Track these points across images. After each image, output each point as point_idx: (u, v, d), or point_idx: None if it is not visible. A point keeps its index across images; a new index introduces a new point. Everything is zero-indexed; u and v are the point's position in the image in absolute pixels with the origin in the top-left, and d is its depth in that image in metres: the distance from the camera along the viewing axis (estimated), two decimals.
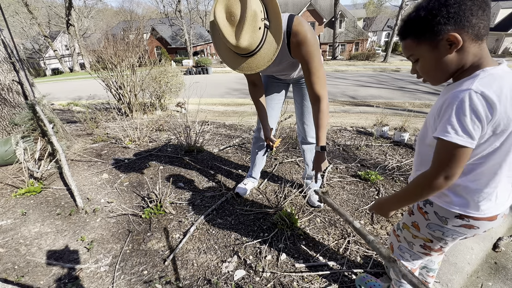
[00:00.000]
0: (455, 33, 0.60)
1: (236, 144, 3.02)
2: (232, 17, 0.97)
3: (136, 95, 4.88)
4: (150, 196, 1.92)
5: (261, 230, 1.65)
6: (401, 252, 0.99)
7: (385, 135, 3.18)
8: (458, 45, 0.61)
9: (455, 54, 0.63)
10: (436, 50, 0.64)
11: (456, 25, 0.60)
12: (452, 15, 0.59)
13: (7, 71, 2.34)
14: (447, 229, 0.80)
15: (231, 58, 1.12)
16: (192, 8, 35.35)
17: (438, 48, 0.64)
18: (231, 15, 0.96)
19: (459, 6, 0.58)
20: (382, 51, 28.83)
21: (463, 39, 0.60)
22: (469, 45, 0.61)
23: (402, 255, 1.00)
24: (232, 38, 0.98)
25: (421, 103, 8.40)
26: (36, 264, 1.43)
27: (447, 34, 0.61)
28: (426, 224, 0.85)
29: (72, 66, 28.23)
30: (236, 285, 1.28)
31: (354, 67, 18.93)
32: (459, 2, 0.58)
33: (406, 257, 0.99)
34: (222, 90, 11.89)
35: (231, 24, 0.98)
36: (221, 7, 0.96)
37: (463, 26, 0.60)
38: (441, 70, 0.67)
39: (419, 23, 0.65)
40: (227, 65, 1.14)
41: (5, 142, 2.29)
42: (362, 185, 2.10)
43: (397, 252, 1.01)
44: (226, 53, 1.12)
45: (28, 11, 24.01)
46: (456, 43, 0.61)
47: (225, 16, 0.97)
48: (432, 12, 0.61)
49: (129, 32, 5.88)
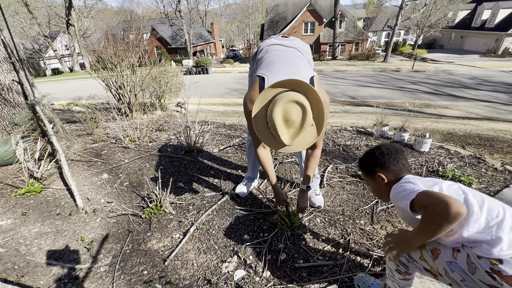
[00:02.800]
0: (381, 173, 0.98)
1: (236, 144, 3.02)
2: (289, 121, 1.07)
3: (136, 95, 4.88)
4: (150, 196, 1.92)
5: (261, 230, 1.65)
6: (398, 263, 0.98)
7: (385, 135, 3.18)
8: (385, 180, 0.97)
9: (385, 184, 0.98)
10: (374, 181, 1.02)
11: (382, 168, 0.98)
12: (379, 163, 0.99)
13: (7, 71, 2.34)
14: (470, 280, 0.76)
15: (273, 143, 1.19)
16: (192, 8, 35.29)
17: (375, 180, 1.01)
18: (288, 120, 1.07)
19: (382, 158, 0.98)
20: (382, 51, 28.82)
21: (387, 176, 0.97)
22: (391, 178, 0.97)
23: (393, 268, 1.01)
24: (287, 139, 1.10)
25: (421, 103, 8.40)
26: (36, 264, 1.43)
27: (378, 173, 0.99)
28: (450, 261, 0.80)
29: (72, 66, 28.23)
30: (236, 285, 1.28)
31: (354, 67, 18.92)
32: (381, 157, 0.98)
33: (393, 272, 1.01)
34: (222, 90, 11.89)
35: (286, 127, 1.08)
36: (280, 110, 1.06)
37: (386, 169, 0.97)
38: (380, 192, 1.03)
39: (364, 165, 1.06)
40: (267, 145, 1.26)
41: (5, 142, 2.29)
42: (362, 185, 2.10)
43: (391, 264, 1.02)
44: (268, 137, 1.18)
45: (28, 11, 24.01)
46: (384, 179, 0.97)
47: (282, 119, 1.07)
48: (369, 160, 1.02)
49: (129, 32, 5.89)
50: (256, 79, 1.31)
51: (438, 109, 7.62)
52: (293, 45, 1.46)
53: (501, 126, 4.97)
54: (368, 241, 1.53)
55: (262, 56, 1.43)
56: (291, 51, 1.43)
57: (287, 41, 1.49)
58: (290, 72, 1.28)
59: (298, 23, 26.10)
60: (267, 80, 1.26)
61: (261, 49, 1.49)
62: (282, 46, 1.44)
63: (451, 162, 2.47)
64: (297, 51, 1.45)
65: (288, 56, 1.39)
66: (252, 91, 1.29)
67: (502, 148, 3.10)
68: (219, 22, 52.87)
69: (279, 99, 1.07)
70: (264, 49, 1.46)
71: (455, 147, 2.88)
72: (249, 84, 1.72)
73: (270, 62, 1.35)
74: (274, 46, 1.45)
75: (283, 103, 1.05)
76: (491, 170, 2.30)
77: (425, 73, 15.26)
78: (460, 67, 17.52)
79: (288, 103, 1.05)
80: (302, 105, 1.05)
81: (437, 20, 26.27)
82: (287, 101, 1.05)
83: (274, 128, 1.08)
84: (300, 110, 1.06)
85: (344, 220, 1.71)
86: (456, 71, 15.67)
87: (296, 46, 1.47)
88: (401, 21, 21.90)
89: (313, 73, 1.33)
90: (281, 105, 1.05)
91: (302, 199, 1.58)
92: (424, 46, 31.37)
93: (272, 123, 1.09)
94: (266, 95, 1.14)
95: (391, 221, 1.69)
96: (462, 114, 7.04)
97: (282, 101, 1.05)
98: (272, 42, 1.48)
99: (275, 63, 1.34)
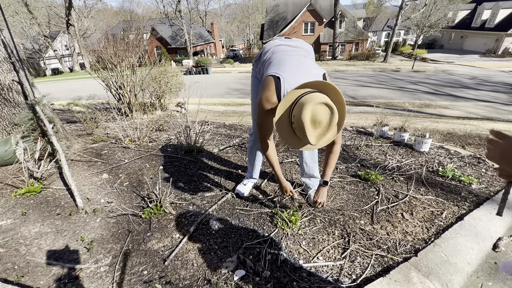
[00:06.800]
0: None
1: (236, 144, 3.02)
2: (317, 123, 1.09)
3: (136, 95, 4.87)
4: (150, 196, 1.92)
5: (261, 230, 1.65)
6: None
7: (385, 135, 3.18)
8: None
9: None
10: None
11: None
12: None
13: (7, 71, 2.34)
14: None
15: (294, 141, 1.23)
16: (192, 8, 35.30)
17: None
18: (315, 121, 1.09)
19: None
20: (382, 51, 28.81)
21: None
22: None
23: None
24: (313, 140, 1.12)
25: (421, 103, 8.40)
26: (36, 264, 1.43)
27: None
28: None
29: (72, 66, 28.22)
30: (236, 285, 1.28)
31: (354, 67, 18.92)
32: None
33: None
34: (222, 90, 11.89)
35: (314, 127, 1.11)
36: (309, 111, 1.08)
37: None
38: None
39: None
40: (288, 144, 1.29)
41: (5, 142, 2.29)
42: (362, 185, 2.10)
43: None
44: (290, 136, 1.23)
45: (28, 11, 23.99)
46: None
47: (311, 120, 1.09)
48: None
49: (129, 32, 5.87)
50: (270, 79, 1.30)
51: (438, 109, 7.62)
52: (298, 46, 1.48)
53: (501, 126, 4.97)
54: (368, 241, 1.53)
55: (269, 57, 1.44)
56: (298, 51, 1.45)
57: (292, 41, 1.51)
58: (304, 71, 1.31)
59: (298, 23, 26.10)
60: (282, 79, 1.27)
61: (267, 50, 1.49)
62: (289, 47, 1.46)
63: (451, 162, 2.47)
64: (303, 50, 1.47)
65: (297, 56, 1.41)
66: (268, 91, 1.29)
67: None
68: (219, 22, 52.84)
69: (307, 100, 1.08)
70: (271, 49, 1.48)
71: (455, 147, 2.88)
72: (252, 84, 1.72)
73: (280, 62, 1.36)
74: (281, 47, 1.46)
75: (312, 105, 1.07)
76: (491, 170, 2.30)
77: (425, 73, 15.26)
78: (460, 67, 17.52)
79: (317, 105, 1.07)
80: (330, 107, 1.08)
81: (437, 20, 26.27)
82: (316, 103, 1.07)
83: (302, 129, 1.10)
84: (328, 112, 1.09)
85: (344, 220, 1.71)
86: (456, 71, 15.67)
87: (301, 46, 1.49)
88: (401, 21, 21.90)
89: (322, 70, 1.36)
90: (310, 107, 1.07)
91: (319, 194, 1.64)
92: (424, 46, 31.37)
93: (300, 124, 1.10)
94: (291, 96, 1.15)
95: (391, 221, 1.69)
96: (462, 114, 7.04)
97: (311, 103, 1.07)
98: (278, 43, 1.49)
99: (286, 63, 1.35)
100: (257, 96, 1.72)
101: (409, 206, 1.83)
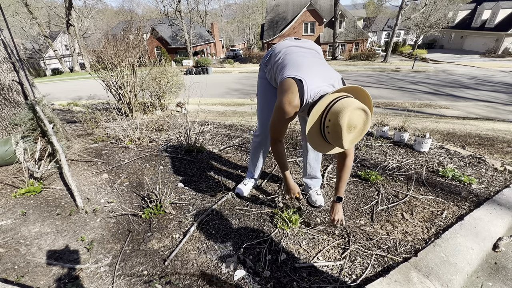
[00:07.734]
0: None
1: (236, 144, 3.02)
2: (352, 127, 1.09)
3: (136, 95, 4.87)
4: (150, 196, 1.92)
5: (261, 230, 1.65)
6: None
7: (385, 135, 3.18)
8: None
9: None
10: None
11: None
12: None
13: (7, 71, 2.34)
14: None
15: (322, 145, 1.24)
16: (192, 8, 35.28)
17: None
18: (351, 126, 1.09)
19: None
20: (382, 51, 28.80)
21: None
22: None
23: None
24: (347, 144, 1.12)
25: (421, 103, 8.40)
26: (36, 264, 1.43)
27: None
28: None
29: (72, 66, 28.21)
30: (236, 285, 1.28)
31: (354, 67, 18.92)
32: None
33: None
34: (222, 90, 11.90)
35: (349, 132, 1.10)
36: (347, 117, 1.07)
37: None
38: None
39: None
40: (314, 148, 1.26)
41: (5, 142, 2.29)
42: (362, 185, 2.10)
43: None
44: (318, 140, 1.23)
45: (28, 11, 23.99)
46: None
47: (347, 125, 1.08)
48: None
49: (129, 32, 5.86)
50: (291, 81, 1.25)
51: (438, 109, 7.62)
52: (309, 47, 1.45)
53: (501, 126, 4.97)
54: (368, 241, 1.53)
55: (281, 57, 1.40)
56: (311, 52, 1.42)
57: (302, 43, 1.48)
58: (325, 73, 1.30)
59: (298, 23, 26.10)
60: (305, 82, 1.24)
61: (278, 51, 1.45)
62: (302, 48, 1.43)
63: (451, 162, 2.47)
64: (315, 52, 1.44)
65: (312, 58, 1.38)
66: (291, 93, 1.25)
67: (502, 148, 3.10)
68: (219, 22, 52.82)
69: (345, 106, 1.07)
70: (283, 50, 1.43)
71: (455, 147, 2.88)
72: (259, 85, 1.69)
73: (296, 64, 1.32)
74: (293, 48, 1.42)
75: (351, 110, 1.06)
76: (491, 170, 2.30)
77: (425, 73, 15.26)
78: (460, 67, 17.53)
79: (355, 110, 1.07)
80: (366, 113, 1.09)
81: (437, 20, 26.27)
82: (354, 108, 1.06)
83: (338, 133, 1.09)
84: (364, 117, 1.09)
85: (344, 220, 1.71)
86: (456, 71, 15.67)
87: (313, 47, 1.46)
88: (401, 21, 21.90)
89: (338, 73, 1.35)
90: (349, 112, 1.06)
91: (335, 211, 1.55)
92: (424, 46, 31.37)
93: (336, 129, 1.09)
94: (325, 101, 1.14)
95: (391, 221, 1.69)
96: (462, 114, 7.04)
97: (349, 107, 1.06)
98: (289, 44, 1.46)
99: (303, 64, 1.31)
100: (263, 97, 1.70)
101: (409, 206, 1.83)
